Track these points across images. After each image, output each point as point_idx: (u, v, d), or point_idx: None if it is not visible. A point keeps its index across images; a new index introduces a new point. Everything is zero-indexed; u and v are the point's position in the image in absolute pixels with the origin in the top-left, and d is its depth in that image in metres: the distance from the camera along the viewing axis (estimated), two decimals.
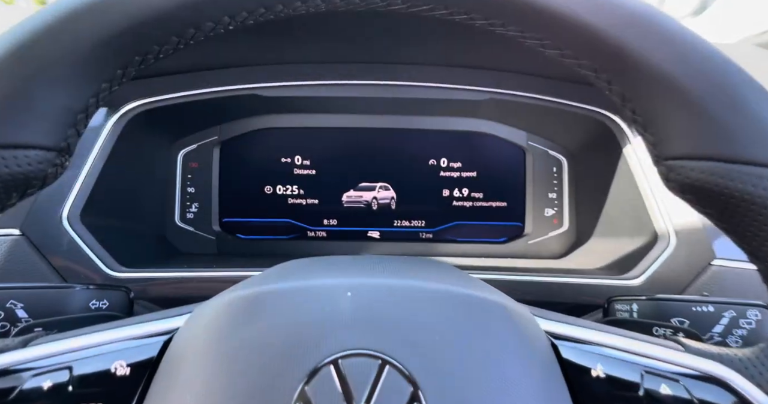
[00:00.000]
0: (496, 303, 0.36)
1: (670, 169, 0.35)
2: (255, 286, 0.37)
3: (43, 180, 0.35)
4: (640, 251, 0.68)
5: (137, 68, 0.36)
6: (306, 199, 0.86)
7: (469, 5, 0.35)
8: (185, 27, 0.35)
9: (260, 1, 0.35)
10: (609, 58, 0.34)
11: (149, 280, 0.66)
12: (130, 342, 0.36)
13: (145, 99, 0.71)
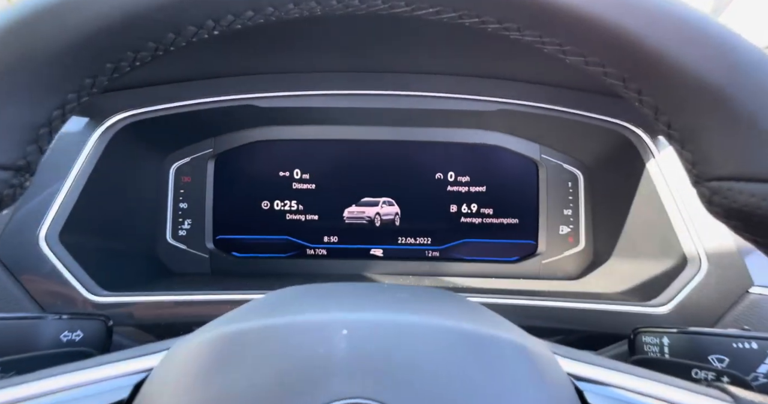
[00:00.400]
0: (513, 342, 0.32)
1: (714, 191, 0.31)
2: (238, 322, 0.33)
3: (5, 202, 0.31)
4: (667, 275, 0.62)
5: (110, 77, 0.33)
6: (305, 214, 0.82)
7: (480, 7, 0.32)
8: (163, 31, 0.32)
9: (248, 3, 0.32)
10: (641, 64, 0.30)
11: (135, 305, 0.62)
12: (96, 387, 0.32)
13: (134, 110, 0.67)
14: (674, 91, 0.31)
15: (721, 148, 0.30)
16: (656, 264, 0.65)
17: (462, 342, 0.32)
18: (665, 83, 0.31)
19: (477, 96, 0.73)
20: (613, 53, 0.31)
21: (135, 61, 0.33)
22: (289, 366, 0.29)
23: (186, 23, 0.32)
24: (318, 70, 0.72)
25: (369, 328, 0.31)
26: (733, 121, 0.29)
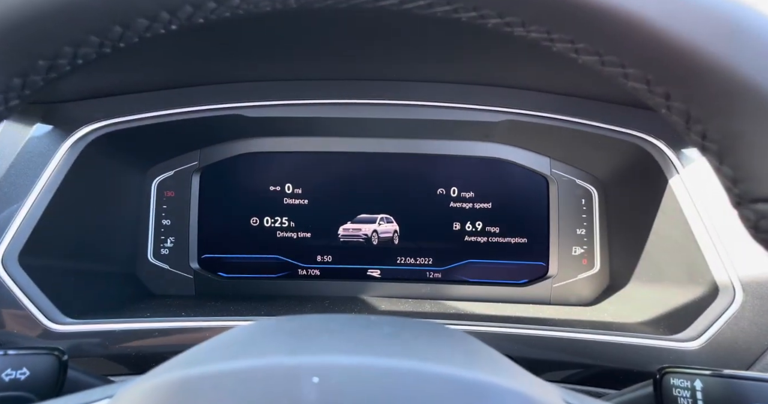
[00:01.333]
0: (518, 394, 0.28)
1: (763, 215, 0.28)
2: (192, 366, 0.29)
3: None
4: (696, 305, 0.56)
5: (45, 77, 0.29)
6: (297, 232, 0.78)
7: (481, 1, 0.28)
8: (107, 23, 0.28)
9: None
10: (669, 62, 0.27)
11: (103, 334, 0.56)
12: None
13: (109, 120, 0.63)
14: (711, 95, 0.27)
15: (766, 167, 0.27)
16: (682, 292, 0.59)
17: (457, 393, 0.27)
18: (700, 85, 0.27)
19: (482, 106, 0.70)
20: (635, 51, 0.28)
21: (75, 58, 0.30)
22: None
23: (134, 14, 0.28)
24: (311, 77, 0.69)
25: (346, 376, 0.27)
26: None
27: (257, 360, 0.29)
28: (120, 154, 0.68)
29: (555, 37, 0.29)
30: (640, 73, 0.28)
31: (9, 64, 0.28)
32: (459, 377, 0.28)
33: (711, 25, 0.26)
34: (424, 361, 0.29)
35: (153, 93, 0.66)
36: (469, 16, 0.30)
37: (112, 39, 0.29)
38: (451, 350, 0.32)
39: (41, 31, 0.28)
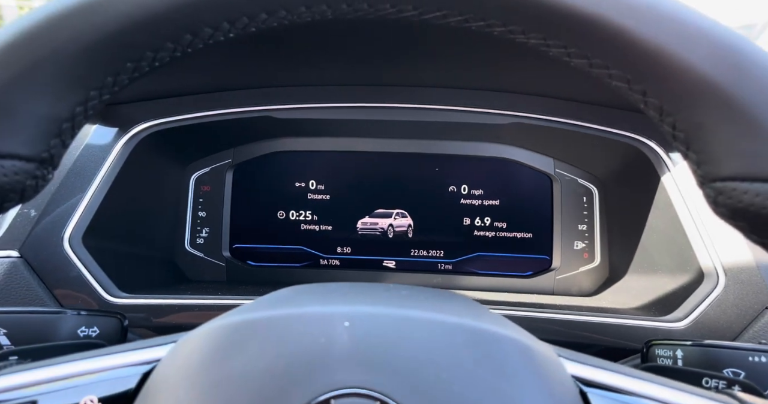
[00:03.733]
0: (516, 341, 0.32)
1: (719, 192, 0.31)
2: (244, 313, 0.34)
3: (21, 193, 0.33)
4: (684, 290, 0.61)
5: (130, 75, 0.34)
6: (319, 225, 0.84)
7: (486, 10, 0.32)
8: (181, 32, 0.33)
9: (261, 6, 0.33)
10: (644, 64, 0.31)
11: (151, 307, 0.63)
12: (106, 374, 0.34)
13: (156, 120, 0.70)
14: (678, 92, 0.31)
15: (726, 148, 0.31)
16: (673, 279, 0.64)
17: (464, 337, 0.32)
18: (669, 84, 0.31)
19: (491, 109, 0.75)
20: (616, 54, 0.32)
21: (154, 60, 0.35)
22: (290, 356, 0.30)
23: (202, 24, 0.34)
24: (335, 83, 0.75)
25: (371, 321, 0.32)
26: (737, 121, 0.30)
27: (300, 309, 0.34)
28: (164, 151, 0.75)
29: (550, 43, 0.33)
30: (621, 74, 0.32)
31: (106, 65, 0.33)
32: (466, 325, 0.32)
33: (680, 37, 0.30)
34: (433, 312, 0.34)
35: (194, 96, 0.73)
36: (478, 25, 0.33)
37: (182, 45, 0.34)
38: (458, 306, 0.36)
39: (132, 39, 0.32)
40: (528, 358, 0.32)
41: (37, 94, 0.31)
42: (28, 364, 0.35)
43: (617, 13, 0.30)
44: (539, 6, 0.31)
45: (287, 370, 0.30)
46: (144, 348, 0.35)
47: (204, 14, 0.33)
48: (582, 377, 0.33)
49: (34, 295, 0.57)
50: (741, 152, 0.30)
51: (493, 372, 0.31)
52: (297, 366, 0.30)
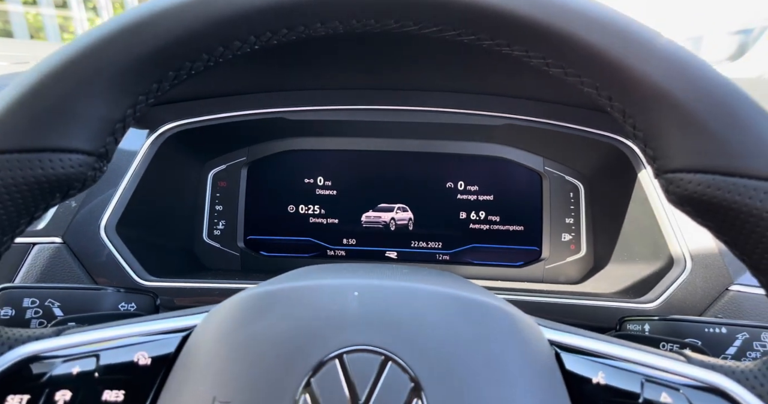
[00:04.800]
0: (500, 309, 0.37)
1: (670, 182, 0.36)
2: (267, 286, 0.39)
3: (83, 182, 0.38)
4: (656, 275, 0.67)
5: (171, 83, 0.39)
6: (327, 218, 0.90)
7: (475, 26, 0.37)
8: (215, 45, 0.38)
9: (283, 22, 0.37)
10: (610, 76, 0.36)
11: (175, 290, 0.70)
12: (153, 337, 0.38)
13: (179, 121, 0.77)
14: (637, 98, 0.35)
15: (675, 145, 0.35)
16: (647, 266, 0.71)
17: (456, 305, 0.37)
18: (630, 91, 0.35)
19: (485, 112, 0.80)
20: (587, 66, 0.36)
21: (191, 70, 0.39)
22: (308, 319, 0.35)
23: (233, 38, 0.37)
24: (342, 87, 0.81)
25: (377, 291, 0.37)
26: (684, 123, 0.34)
27: (316, 281, 0.39)
28: (185, 149, 0.82)
29: (531, 55, 0.37)
30: (591, 82, 0.36)
31: (152, 74, 0.37)
32: (458, 294, 0.37)
33: (639, 53, 0.34)
34: (430, 285, 0.39)
35: (213, 99, 0.79)
36: (470, 38, 0.37)
37: (215, 56, 0.38)
38: (452, 281, 0.41)
39: (174, 52, 0.36)
40: (510, 323, 0.36)
41: (97, 99, 0.36)
42: (87, 327, 0.42)
43: (587, 32, 0.35)
44: (520, 25, 0.35)
45: (306, 331, 0.34)
46: (182, 316, 0.40)
47: (234, 30, 0.37)
48: (557, 341, 0.37)
49: (75, 277, 0.64)
50: (687, 149, 0.34)
51: (480, 333, 0.35)
52: (314, 328, 0.34)
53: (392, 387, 0.33)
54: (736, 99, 0.34)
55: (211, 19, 0.35)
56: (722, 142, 0.33)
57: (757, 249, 0.34)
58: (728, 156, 0.33)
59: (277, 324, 0.35)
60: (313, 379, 0.33)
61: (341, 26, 0.38)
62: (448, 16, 0.37)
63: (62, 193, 0.38)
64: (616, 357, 0.36)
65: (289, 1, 0.37)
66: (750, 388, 0.34)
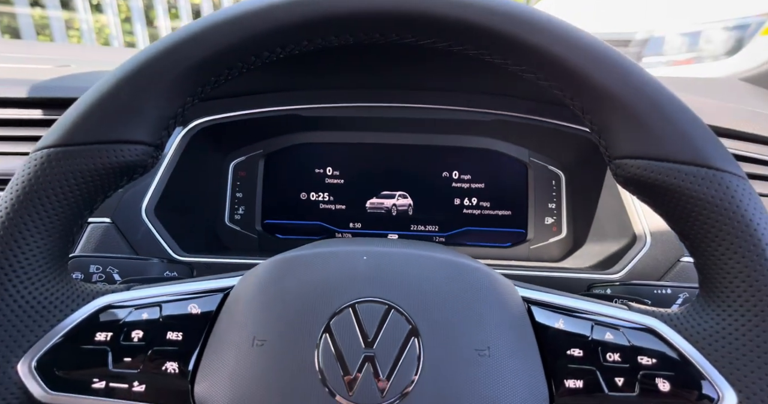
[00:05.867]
0: (482, 270, 0.45)
1: (617, 166, 0.43)
2: (293, 252, 0.46)
3: (144, 168, 0.45)
4: (622, 251, 0.77)
5: (212, 86, 0.45)
6: (335, 204, 0.97)
7: (463, 39, 0.43)
8: (248, 55, 0.43)
9: (304, 36, 0.43)
10: (571, 81, 0.42)
11: (204, 264, 0.80)
12: (200, 293, 0.46)
13: (207, 117, 0.86)
14: (591, 99, 0.42)
15: (620, 137, 0.41)
16: (616, 244, 0.80)
17: (446, 266, 0.44)
18: (586, 94, 0.42)
19: (477, 109, 0.88)
20: (554, 75, 0.42)
21: (228, 75, 0.44)
22: (328, 277, 0.42)
23: (263, 50, 0.43)
24: (349, 87, 0.89)
25: (381, 255, 0.44)
26: (625, 120, 0.41)
27: (332, 248, 0.46)
28: (210, 142, 0.90)
29: (509, 63, 0.43)
30: (557, 84, 0.43)
31: (199, 79, 0.43)
32: (449, 258, 0.44)
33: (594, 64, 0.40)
34: (425, 251, 0.45)
35: (235, 98, 0.88)
36: (458, 48, 0.43)
37: (248, 64, 0.43)
38: (443, 249, 0.47)
39: (218, 61, 0.42)
40: (491, 282, 0.43)
41: (157, 100, 0.43)
42: (150, 284, 0.51)
43: (554, 48, 0.41)
44: (500, 40, 0.42)
45: (326, 286, 0.42)
46: (222, 278, 0.47)
47: (265, 43, 0.43)
48: (528, 297, 0.44)
49: (122, 250, 0.73)
50: (628, 140, 0.41)
51: (465, 289, 0.42)
52: (332, 284, 0.42)
53: (394, 329, 0.40)
54: (665, 99, 0.40)
55: (246, 35, 0.42)
56: (654, 134, 0.40)
57: (682, 218, 0.41)
58: (658, 145, 0.40)
59: (302, 281, 0.42)
60: (332, 323, 0.40)
61: (352, 38, 0.44)
62: (446, 32, 0.42)
63: (128, 177, 0.46)
64: (573, 308, 0.44)
65: (304, 22, 0.42)
66: (672, 326, 0.42)
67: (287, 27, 0.42)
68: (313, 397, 0.38)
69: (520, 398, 0.39)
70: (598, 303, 0.45)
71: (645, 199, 0.44)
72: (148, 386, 0.42)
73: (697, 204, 0.40)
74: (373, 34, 0.43)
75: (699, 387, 0.40)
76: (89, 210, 0.46)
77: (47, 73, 0.82)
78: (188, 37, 0.42)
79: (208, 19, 0.42)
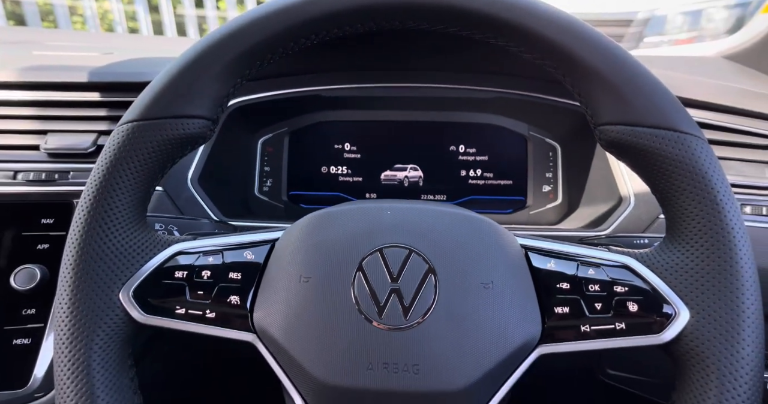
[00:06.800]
0: (487, 222, 0.52)
1: (601, 132, 0.48)
2: (328, 209, 0.53)
3: (204, 139, 0.52)
4: (610, 212, 0.86)
5: (257, 69, 0.51)
6: (352, 177, 1.03)
7: (471, 25, 0.48)
8: (288, 42, 0.50)
9: (335, 25, 0.49)
10: (562, 61, 0.48)
11: (242, 227, 0.90)
12: (253, 244, 0.53)
13: (239, 98, 0.95)
14: (579, 75, 0.47)
15: (602, 107, 0.47)
16: (604, 206, 0.89)
17: (457, 218, 0.51)
18: (574, 70, 0.47)
19: (480, 87, 0.93)
20: (546, 53, 0.47)
21: (270, 59, 0.50)
22: (359, 227, 0.50)
23: (300, 37, 0.49)
24: (366, 69, 0.96)
25: (403, 210, 0.51)
26: (606, 91, 0.46)
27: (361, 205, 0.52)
28: (241, 121, 0.98)
29: (510, 45, 0.48)
30: (551, 63, 0.48)
31: (248, 63, 0.49)
32: (460, 211, 0.52)
33: (581, 44, 0.46)
34: (440, 206, 0.52)
35: (263, 81, 0.96)
36: (466, 33, 0.49)
37: (286, 49, 0.49)
38: (453, 206, 0.54)
39: (264, 48, 0.48)
40: (494, 231, 0.50)
41: (215, 81, 0.49)
42: (210, 236, 0.61)
43: (549, 33, 0.46)
44: (503, 27, 0.47)
45: (358, 235, 0.49)
46: (270, 231, 0.55)
47: (302, 32, 0.49)
48: (526, 244, 0.51)
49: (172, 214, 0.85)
50: (609, 109, 0.47)
51: (473, 236, 0.49)
52: (363, 232, 0.49)
53: (415, 268, 0.47)
54: (639, 74, 0.46)
55: (287, 25, 0.48)
56: (630, 104, 0.46)
57: (653, 174, 0.48)
58: (633, 113, 0.46)
59: (338, 230, 0.50)
60: (364, 263, 0.47)
61: (375, 26, 0.49)
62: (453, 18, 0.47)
63: (191, 146, 0.54)
64: (563, 252, 0.51)
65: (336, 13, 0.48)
66: (643, 263, 0.49)
67: (321, 17, 0.48)
68: (351, 322, 0.46)
69: (518, 321, 0.47)
70: (584, 247, 0.52)
71: (624, 159, 0.50)
72: (217, 314, 0.50)
73: (664, 161, 0.46)
74: (393, 22, 0.49)
75: (660, 307, 0.47)
76: (161, 174, 0.55)
77: (96, 60, 0.91)
78: (237, 29, 0.49)
79: (253, 12, 0.49)
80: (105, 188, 0.49)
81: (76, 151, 0.81)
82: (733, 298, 0.44)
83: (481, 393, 0.46)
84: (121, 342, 0.50)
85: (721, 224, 0.45)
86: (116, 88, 0.86)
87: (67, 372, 0.48)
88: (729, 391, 0.43)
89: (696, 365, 0.45)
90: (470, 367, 0.45)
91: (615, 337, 0.47)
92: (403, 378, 0.44)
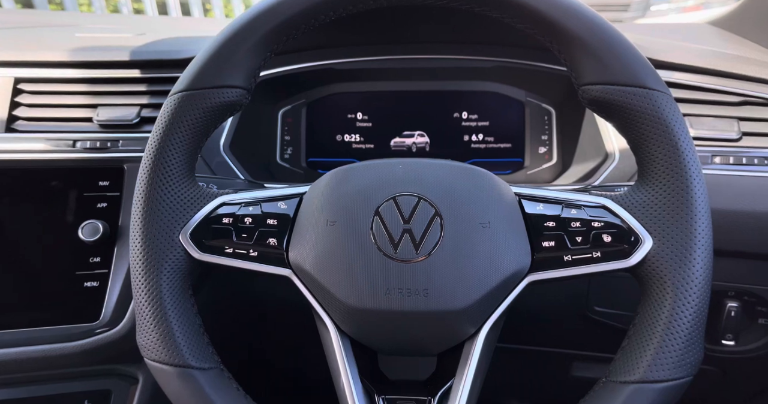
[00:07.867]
0: (486, 173, 0.57)
1: (583, 92, 0.53)
2: (348, 165, 0.58)
3: (241, 106, 0.57)
4: (597, 167, 0.94)
5: (284, 43, 0.56)
6: (365, 144, 1.09)
7: (475, 2, 0.54)
8: (310, 19, 0.54)
9: (353, 3, 0.54)
10: (548, 29, 0.52)
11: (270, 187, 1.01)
12: (285, 197, 0.59)
13: (262, 72, 1.05)
14: (564, 42, 0.52)
15: (583, 69, 0.52)
16: (593, 163, 0.98)
17: (459, 169, 0.56)
18: (560, 37, 0.51)
19: (480, 56, 0.98)
20: (536, 24, 0.52)
21: (295, 35, 0.55)
22: (375, 179, 0.55)
23: (321, 15, 0.54)
24: (375, 42, 1.03)
25: (413, 164, 0.57)
26: (587, 55, 0.51)
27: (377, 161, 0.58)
28: (264, 93, 1.00)
29: (504, 16, 0.53)
30: (540, 32, 0.52)
31: (277, 37, 0.54)
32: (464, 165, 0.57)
33: (566, 15, 0.50)
34: (446, 161, 0.58)
35: (283, 56, 1.03)
36: (468, 7, 0.53)
37: (310, 26, 0.54)
38: (459, 163, 0.59)
39: (289, 25, 0.53)
40: (491, 180, 0.56)
41: (250, 54, 0.54)
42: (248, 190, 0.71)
43: (537, 4, 0.51)
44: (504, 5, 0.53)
45: (374, 186, 0.54)
46: (297, 186, 0.61)
47: (324, 9, 0.54)
48: (519, 192, 0.56)
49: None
50: (589, 70, 0.51)
51: (473, 185, 0.54)
52: (379, 183, 0.54)
53: (423, 213, 0.52)
54: (615, 39, 0.51)
55: (312, 4, 0.53)
56: (606, 65, 0.51)
57: (626, 126, 0.52)
58: (609, 73, 0.51)
59: (357, 182, 0.55)
60: (380, 209, 0.53)
61: (387, 3, 0.54)
62: None
63: (230, 113, 0.61)
64: (550, 197, 0.56)
65: None
66: (617, 202, 0.54)
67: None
68: (371, 257, 0.52)
69: (511, 254, 0.52)
70: (569, 192, 0.58)
71: (604, 115, 0.54)
72: (259, 253, 0.57)
73: (634, 114, 0.51)
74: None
75: (629, 237, 0.53)
76: (206, 137, 0.63)
77: (132, 40, 1.01)
78: (267, 8, 0.54)
79: None
80: (162, 149, 0.56)
81: (123, 122, 0.91)
82: (688, 227, 0.50)
83: (480, 312, 0.53)
84: (182, 274, 0.57)
85: (680, 166, 0.51)
86: (154, 65, 0.96)
87: (144, 296, 0.59)
88: (681, 300, 0.50)
89: (656, 283, 0.51)
90: (471, 291, 0.51)
91: (592, 264, 0.53)
92: (415, 300, 0.51)
